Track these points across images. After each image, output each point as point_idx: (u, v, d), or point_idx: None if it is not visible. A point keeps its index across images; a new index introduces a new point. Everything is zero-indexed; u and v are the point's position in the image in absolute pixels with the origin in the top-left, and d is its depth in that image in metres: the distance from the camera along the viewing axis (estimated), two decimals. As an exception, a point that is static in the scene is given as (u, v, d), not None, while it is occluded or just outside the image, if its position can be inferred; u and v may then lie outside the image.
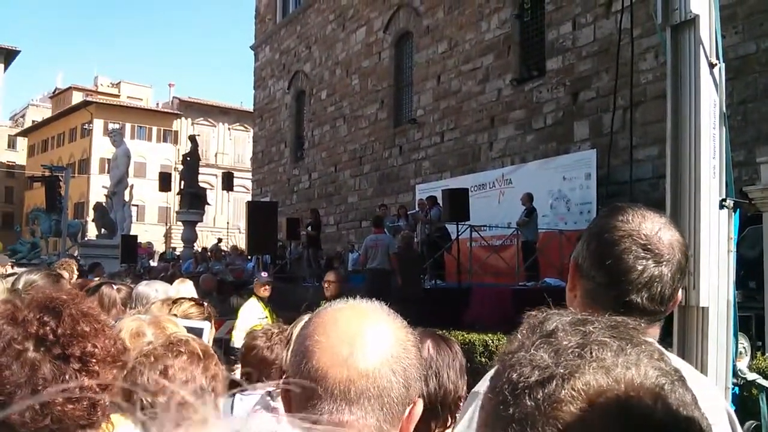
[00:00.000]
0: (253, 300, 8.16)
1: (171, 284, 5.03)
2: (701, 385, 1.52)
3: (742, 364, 4.27)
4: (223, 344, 7.48)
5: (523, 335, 0.72)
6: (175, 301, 3.39)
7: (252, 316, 7.82)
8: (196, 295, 4.81)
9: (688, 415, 0.63)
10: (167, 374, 1.84)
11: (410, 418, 1.07)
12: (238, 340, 6.85)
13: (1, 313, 1.30)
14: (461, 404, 2.02)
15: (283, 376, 1.23)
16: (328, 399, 1.00)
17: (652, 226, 1.47)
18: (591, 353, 0.65)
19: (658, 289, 1.44)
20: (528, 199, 14.44)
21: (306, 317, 2.69)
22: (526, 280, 13.63)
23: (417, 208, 16.28)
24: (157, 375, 1.83)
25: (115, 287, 4.46)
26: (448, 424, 2.01)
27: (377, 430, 1.01)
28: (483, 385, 1.68)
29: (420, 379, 1.08)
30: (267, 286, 8.30)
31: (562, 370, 0.64)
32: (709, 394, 1.47)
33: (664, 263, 1.45)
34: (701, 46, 3.14)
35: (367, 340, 1.03)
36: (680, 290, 1.52)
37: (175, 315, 3.24)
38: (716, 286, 3.10)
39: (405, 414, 1.05)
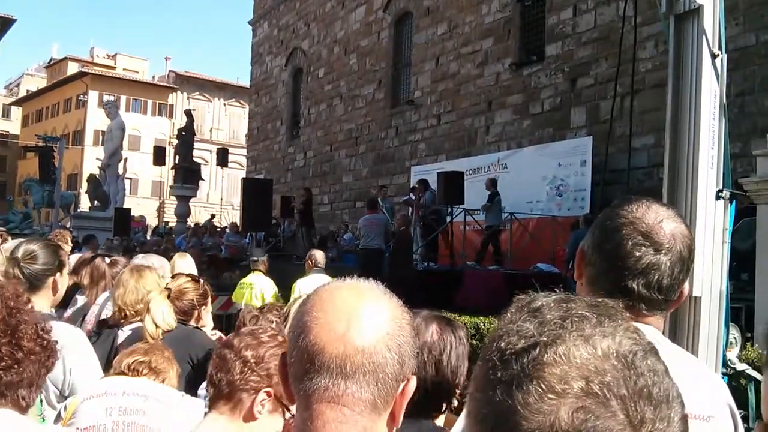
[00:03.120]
0: (261, 275, 8.20)
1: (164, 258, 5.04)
2: (705, 378, 1.53)
3: (732, 354, 4.30)
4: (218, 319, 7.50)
5: (512, 312, 0.77)
6: (172, 276, 3.42)
7: (271, 288, 7.98)
8: (195, 271, 4.84)
9: (658, 380, 0.69)
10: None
11: (404, 393, 1.09)
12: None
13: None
14: (458, 391, 2.03)
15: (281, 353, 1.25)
16: (324, 373, 1.03)
17: (655, 216, 1.50)
18: (572, 324, 0.71)
19: (655, 277, 1.47)
20: (491, 184, 14.53)
21: (304, 295, 2.71)
22: (488, 264, 13.77)
23: (410, 194, 16.26)
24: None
25: (108, 260, 4.47)
26: (443, 410, 2.02)
27: (372, 405, 1.04)
28: None
29: (414, 356, 1.10)
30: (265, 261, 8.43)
31: (545, 338, 0.70)
32: (713, 388, 1.49)
33: (663, 252, 1.47)
34: (704, 36, 3.13)
35: (363, 317, 1.05)
36: (686, 284, 1.54)
37: (169, 289, 3.26)
38: (709, 277, 3.12)
39: (399, 390, 1.08)
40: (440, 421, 2.04)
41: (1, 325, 1.47)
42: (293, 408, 1.88)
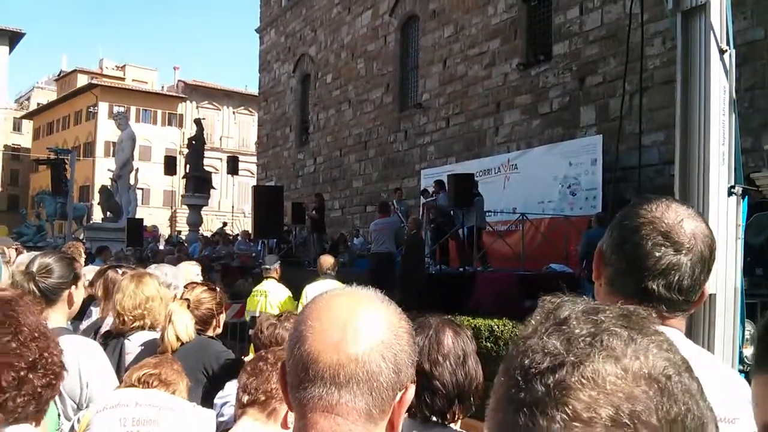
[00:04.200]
0: (274, 281, 8.18)
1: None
2: (724, 377, 1.51)
3: (749, 351, 4.27)
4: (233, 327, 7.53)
5: (537, 321, 0.73)
6: (186, 286, 3.42)
7: (284, 293, 7.96)
8: (199, 274, 4.87)
9: (692, 405, 0.65)
10: None
11: (401, 402, 1.09)
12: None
13: None
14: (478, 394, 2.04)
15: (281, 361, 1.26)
16: (318, 382, 1.03)
17: (675, 216, 1.48)
18: (601, 342, 0.66)
19: (676, 278, 1.45)
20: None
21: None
22: (471, 266, 13.60)
23: (421, 197, 16.27)
24: None
25: (120, 271, 4.49)
26: (462, 414, 2.03)
27: (366, 414, 1.04)
28: None
29: (412, 365, 1.10)
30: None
31: (572, 358, 0.65)
32: (734, 386, 1.46)
33: (684, 252, 1.45)
34: (712, 31, 3.12)
35: (358, 325, 1.05)
36: (706, 284, 1.52)
37: (188, 300, 3.27)
38: (723, 273, 3.09)
39: (396, 399, 1.07)
40: (458, 426, 2.04)
41: (41, 342, 1.45)
42: None
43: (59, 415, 2.43)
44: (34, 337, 1.43)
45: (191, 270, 5.24)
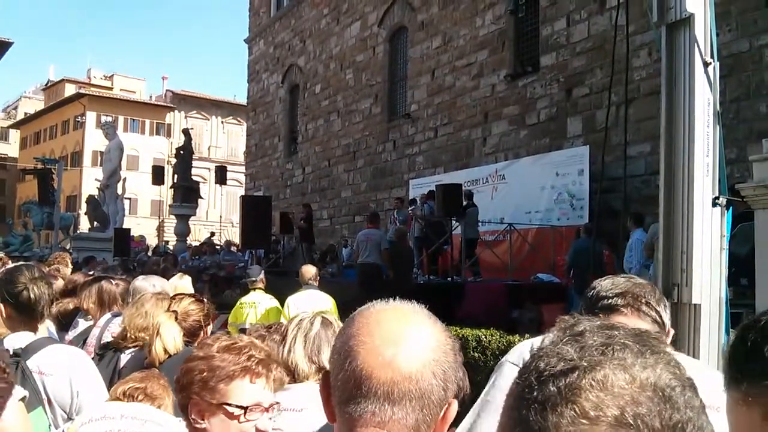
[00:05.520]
0: (261, 292, 8.12)
1: (164, 278, 5.04)
2: (710, 374, 1.61)
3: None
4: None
5: (555, 335, 0.77)
6: (173, 297, 3.40)
7: (272, 303, 7.88)
8: (192, 291, 4.84)
9: (694, 417, 0.68)
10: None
11: (445, 418, 1.10)
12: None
13: None
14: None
15: (320, 374, 1.26)
16: (371, 398, 1.03)
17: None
18: (613, 352, 0.71)
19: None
20: (466, 196, 14.40)
21: (302, 315, 2.72)
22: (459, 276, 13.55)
23: (411, 206, 16.31)
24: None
25: (113, 282, 4.47)
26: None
27: (415, 430, 1.05)
28: (512, 356, 2.00)
29: (456, 381, 1.11)
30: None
31: (585, 364, 0.70)
32: (718, 381, 1.54)
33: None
34: (696, 44, 3.16)
35: (410, 342, 1.06)
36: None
37: (175, 312, 3.26)
38: (708, 284, 3.12)
39: (440, 414, 1.08)
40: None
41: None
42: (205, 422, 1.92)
43: (49, 425, 2.42)
44: None
45: (184, 285, 5.18)
